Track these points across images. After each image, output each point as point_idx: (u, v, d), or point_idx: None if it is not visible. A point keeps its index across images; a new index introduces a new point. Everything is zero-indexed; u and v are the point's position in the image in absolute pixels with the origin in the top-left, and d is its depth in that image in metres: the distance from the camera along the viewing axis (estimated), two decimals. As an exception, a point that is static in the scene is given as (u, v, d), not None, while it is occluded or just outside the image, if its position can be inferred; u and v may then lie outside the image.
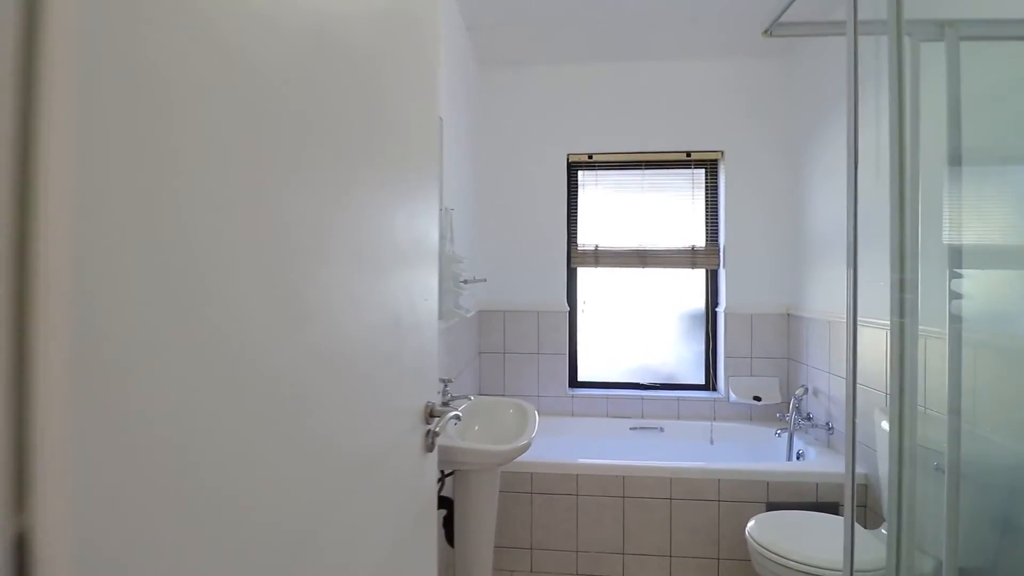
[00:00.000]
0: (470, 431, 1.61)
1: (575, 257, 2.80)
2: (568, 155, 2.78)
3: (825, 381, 2.27)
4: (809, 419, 2.33)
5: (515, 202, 2.80)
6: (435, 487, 1.08)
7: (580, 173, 2.83)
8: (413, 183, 0.91)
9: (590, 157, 2.78)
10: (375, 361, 0.74)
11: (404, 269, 0.87)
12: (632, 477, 2.01)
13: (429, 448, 1.03)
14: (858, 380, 2.02)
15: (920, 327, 1.00)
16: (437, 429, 0.99)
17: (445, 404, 1.62)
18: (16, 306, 0.25)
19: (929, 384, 1.05)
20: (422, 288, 0.98)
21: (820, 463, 2.07)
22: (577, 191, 2.83)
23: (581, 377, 2.85)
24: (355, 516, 0.67)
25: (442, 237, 1.85)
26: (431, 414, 1.03)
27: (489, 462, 1.35)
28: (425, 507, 1.03)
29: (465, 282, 2.03)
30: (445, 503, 1.48)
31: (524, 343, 2.77)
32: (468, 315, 2.04)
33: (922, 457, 0.97)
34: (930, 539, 0.97)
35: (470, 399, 1.65)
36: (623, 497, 2.01)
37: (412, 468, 0.96)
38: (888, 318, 1.74)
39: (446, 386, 1.63)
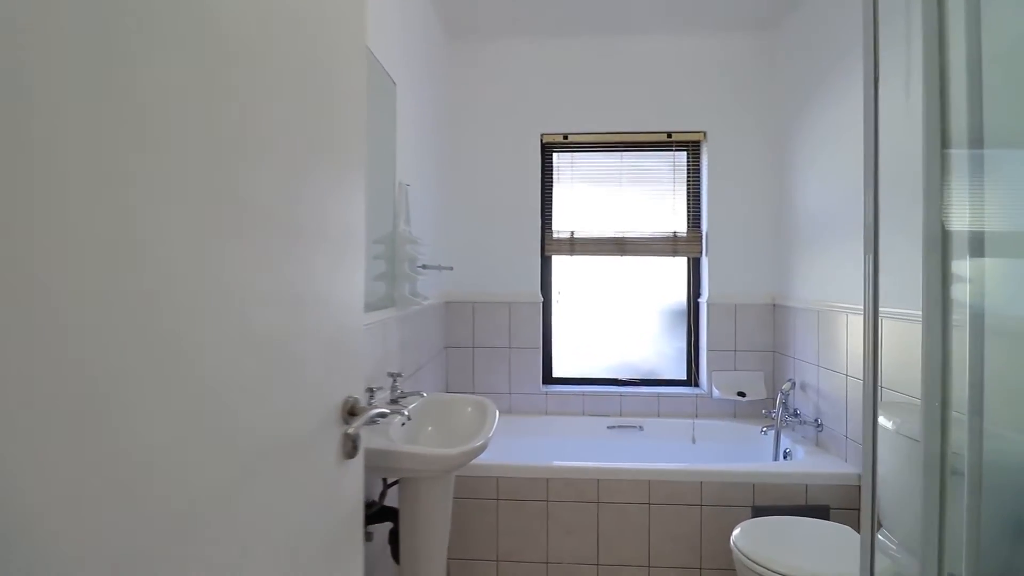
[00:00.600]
0: (422, 432, 1.42)
1: (549, 244, 2.63)
2: (542, 135, 2.60)
3: (813, 374, 2.13)
4: (796, 415, 2.20)
5: (485, 184, 2.61)
6: (360, 500, 0.90)
7: (555, 155, 2.66)
8: (316, 127, 0.73)
9: (565, 137, 2.61)
10: (245, 340, 0.56)
11: (303, 231, 0.69)
12: (608, 480, 1.85)
13: (350, 453, 0.85)
14: (851, 373, 1.88)
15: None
16: (351, 431, 0.81)
17: (394, 401, 1.43)
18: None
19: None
20: (333, 261, 0.80)
21: (809, 463, 1.93)
22: (552, 175, 2.66)
23: (556, 373, 2.69)
24: (222, 546, 0.49)
25: (395, 215, 1.67)
26: (351, 412, 0.85)
27: (437, 468, 1.17)
28: (345, 524, 0.85)
29: (424, 267, 1.85)
30: (390, 515, 1.30)
31: (494, 336, 2.59)
32: (426, 302, 1.86)
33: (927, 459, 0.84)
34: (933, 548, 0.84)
35: (423, 395, 1.47)
36: (598, 502, 1.84)
37: (324, 478, 0.78)
38: (881, 307, 1.61)
39: (395, 381, 1.45)
